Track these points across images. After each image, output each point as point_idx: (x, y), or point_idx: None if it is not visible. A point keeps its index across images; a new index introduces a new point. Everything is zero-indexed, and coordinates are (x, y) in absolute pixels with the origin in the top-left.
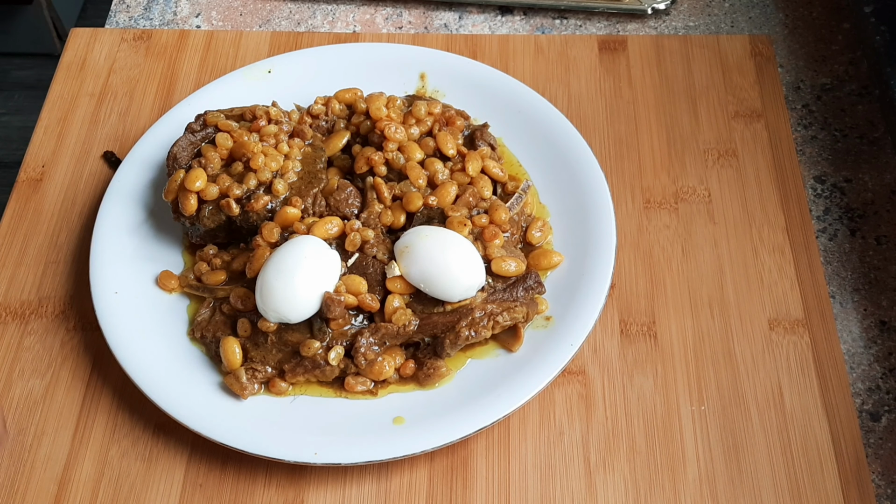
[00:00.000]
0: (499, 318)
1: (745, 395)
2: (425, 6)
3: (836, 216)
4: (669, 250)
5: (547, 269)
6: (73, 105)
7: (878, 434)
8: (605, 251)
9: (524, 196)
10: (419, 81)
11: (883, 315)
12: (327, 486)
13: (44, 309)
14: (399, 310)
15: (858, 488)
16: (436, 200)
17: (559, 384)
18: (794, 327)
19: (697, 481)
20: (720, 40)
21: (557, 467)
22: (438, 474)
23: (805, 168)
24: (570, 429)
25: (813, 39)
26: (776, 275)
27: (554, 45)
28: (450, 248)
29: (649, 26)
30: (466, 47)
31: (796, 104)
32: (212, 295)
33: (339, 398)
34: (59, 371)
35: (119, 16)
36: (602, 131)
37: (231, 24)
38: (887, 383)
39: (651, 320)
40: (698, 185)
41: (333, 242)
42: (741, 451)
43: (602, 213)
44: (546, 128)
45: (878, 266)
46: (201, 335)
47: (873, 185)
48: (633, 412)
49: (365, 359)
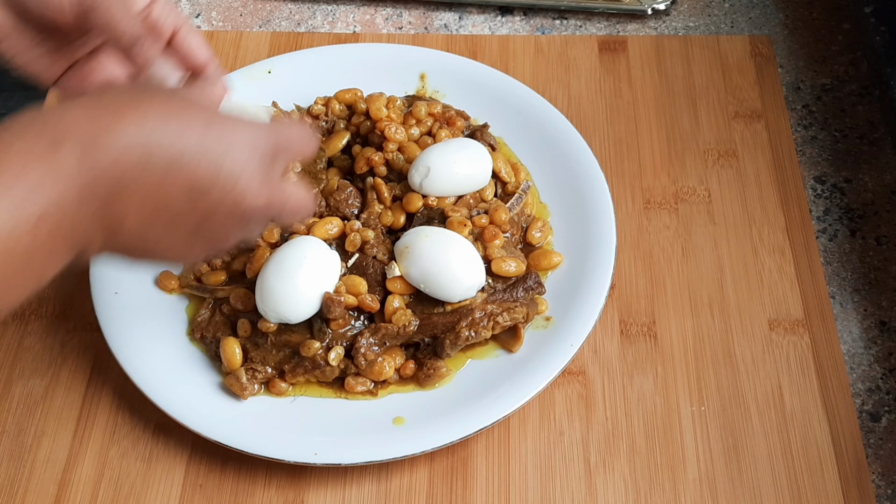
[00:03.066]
0: (499, 319)
1: (745, 395)
2: (425, 6)
3: (836, 216)
4: (669, 251)
5: (547, 269)
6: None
7: (878, 434)
8: (605, 251)
9: (524, 196)
10: (419, 82)
11: (883, 315)
12: (327, 486)
13: (44, 309)
14: (399, 310)
15: (858, 489)
16: (436, 201)
17: (559, 384)
18: (794, 328)
19: (697, 481)
20: (720, 41)
21: (557, 467)
22: (438, 474)
23: (805, 168)
24: (570, 429)
25: (813, 40)
26: (776, 275)
27: (554, 46)
28: (450, 249)
29: (649, 27)
30: (466, 48)
31: (796, 104)
32: (212, 295)
33: (339, 398)
34: (59, 371)
35: None
36: (602, 131)
37: (231, 24)
38: (887, 384)
39: (651, 321)
40: (698, 186)
41: (333, 243)
42: (741, 451)
43: (602, 213)
44: (546, 128)
45: (879, 266)
46: (201, 335)
47: (873, 185)
48: (633, 412)
49: (365, 359)
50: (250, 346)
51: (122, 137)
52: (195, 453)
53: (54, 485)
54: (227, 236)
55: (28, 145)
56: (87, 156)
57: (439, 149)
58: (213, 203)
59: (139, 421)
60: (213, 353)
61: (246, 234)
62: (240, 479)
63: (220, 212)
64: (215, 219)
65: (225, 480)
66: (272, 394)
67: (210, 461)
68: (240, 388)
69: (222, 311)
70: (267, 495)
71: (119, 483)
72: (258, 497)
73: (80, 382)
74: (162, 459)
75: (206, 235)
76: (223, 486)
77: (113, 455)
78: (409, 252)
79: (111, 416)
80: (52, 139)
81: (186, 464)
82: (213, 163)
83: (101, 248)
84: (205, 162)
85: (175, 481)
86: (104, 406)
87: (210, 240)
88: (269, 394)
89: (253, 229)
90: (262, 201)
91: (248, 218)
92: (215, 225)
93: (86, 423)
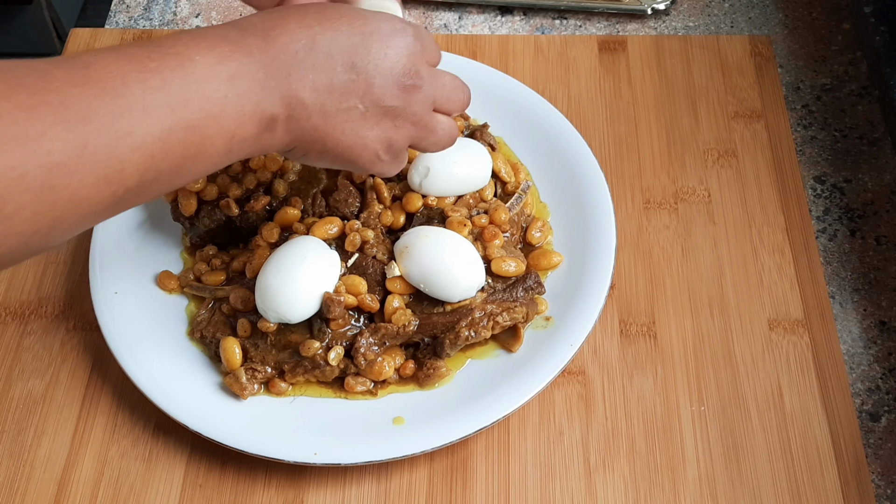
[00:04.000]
0: (499, 319)
1: (745, 395)
2: (425, 6)
3: (836, 216)
4: (669, 251)
5: (547, 269)
6: None
7: (877, 434)
8: (605, 251)
9: (524, 196)
10: None
11: (882, 315)
12: (327, 486)
13: (43, 309)
14: (399, 310)
15: (858, 488)
16: (435, 200)
17: (559, 384)
18: (794, 328)
19: (697, 481)
20: (720, 41)
21: (557, 467)
22: (438, 474)
23: (805, 168)
24: (570, 429)
25: (813, 40)
26: (776, 275)
27: (554, 46)
28: (450, 249)
29: (649, 27)
30: (466, 47)
31: (796, 104)
32: (211, 295)
33: (339, 398)
34: (59, 371)
35: (119, 16)
36: (602, 131)
37: None
38: (887, 383)
39: (651, 320)
40: (698, 186)
41: (333, 243)
42: (741, 451)
43: (602, 213)
44: (546, 128)
45: (878, 266)
46: (201, 335)
47: (873, 185)
48: (632, 412)
49: (365, 359)
50: (250, 345)
51: (288, 29)
52: (195, 453)
53: (54, 484)
54: (396, 120)
55: (222, 34)
56: (265, 41)
57: None
58: (371, 73)
59: (139, 421)
60: (212, 353)
61: (415, 118)
62: (239, 478)
63: (377, 84)
64: (376, 92)
65: (225, 480)
66: (272, 394)
67: (210, 461)
68: (239, 388)
69: (222, 310)
70: (267, 495)
71: (119, 483)
72: (258, 497)
73: (80, 382)
74: (162, 459)
75: (376, 118)
76: (223, 486)
77: (113, 455)
78: (408, 252)
79: (111, 416)
80: (240, 30)
81: (186, 463)
82: (364, 39)
83: (286, 131)
84: (358, 38)
85: (175, 481)
86: (104, 406)
87: (382, 125)
88: (268, 394)
89: (417, 111)
90: (416, 72)
91: (407, 92)
92: (380, 100)
93: (85, 422)
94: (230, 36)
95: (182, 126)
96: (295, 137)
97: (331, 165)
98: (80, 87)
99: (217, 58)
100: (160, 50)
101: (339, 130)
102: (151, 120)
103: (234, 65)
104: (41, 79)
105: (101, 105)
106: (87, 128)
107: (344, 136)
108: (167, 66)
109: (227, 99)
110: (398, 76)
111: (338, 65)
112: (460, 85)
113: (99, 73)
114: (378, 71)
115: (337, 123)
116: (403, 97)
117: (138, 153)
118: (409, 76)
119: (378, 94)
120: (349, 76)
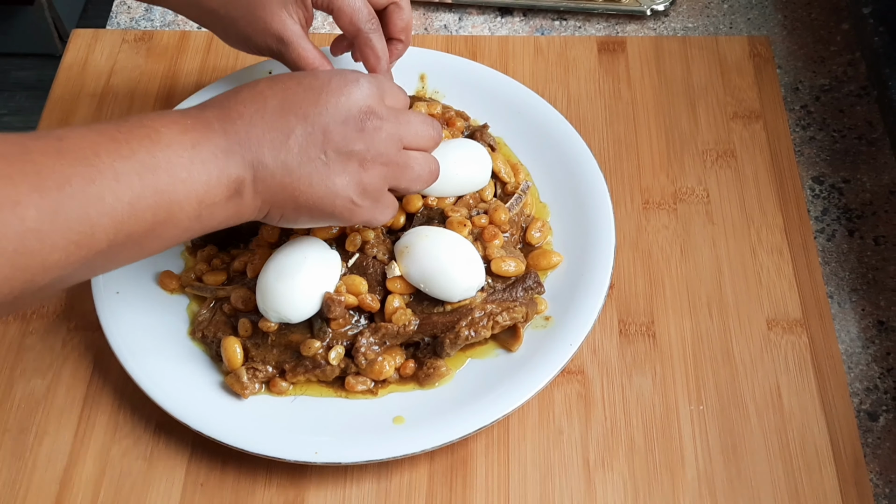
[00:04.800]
0: (498, 318)
1: (744, 394)
2: (425, 7)
3: (835, 216)
4: (668, 251)
5: (546, 269)
6: (75, 106)
7: (876, 434)
8: (605, 251)
9: (524, 196)
10: (419, 82)
11: (881, 315)
12: (327, 485)
13: (45, 309)
14: (399, 310)
15: (856, 488)
16: (435, 201)
17: (558, 384)
18: (793, 327)
19: (696, 481)
20: (719, 41)
21: (557, 467)
22: (438, 474)
23: (803, 168)
24: (570, 428)
25: (811, 40)
26: (774, 275)
27: (553, 47)
28: (450, 249)
29: (648, 27)
30: (466, 48)
31: (795, 105)
32: (212, 295)
33: (340, 398)
34: (61, 371)
35: (120, 17)
36: (601, 132)
37: None
38: (885, 383)
39: (650, 320)
40: (697, 186)
41: (334, 243)
42: (740, 450)
43: (601, 213)
44: (545, 129)
45: (877, 266)
46: (202, 335)
47: (871, 185)
48: (631, 412)
49: (365, 358)
50: (251, 345)
51: (241, 98)
52: (196, 452)
53: (56, 483)
54: (363, 163)
55: (184, 112)
56: (222, 111)
57: (439, 149)
58: (325, 122)
59: (140, 420)
60: (213, 353)
61: (383, 158)
62: (240, 477)
63: (334, 131)
64: (334, 139)
65: (226, 479)
66: (273, 393)
67: (211, 460)
68: (240, 388)
69: (223, 310)
70: (267, 494)
71: (120, 482)
72: (259, 495)
73: (82, 381)
74: (163, 458)
75: (341, 164)
76: (224, 485)
77: (114, 454)
78: (408, 252)
79: (112, 415)
80: (200, 108)
81: (187, 463)
82: (314, 92)
83: (255, 193)
84: (308, 93)
85: (176, 480)
86: (105, 405)
87: (348, 171)
88: (269, 393)
89: (383, 150)
90: (373, 112)
91: (368, 133)
92: (340, 146)
93: (87, 422)
94: (191, 112)
95: (151, 191)
96: (266, 200)
97: (311, 223)
98: (55, 158)
99: (181, 129)
100: (128, 125)
101: (306, 184)
102: (121, 186)
103: (196, 135)
104: (18, 150)
105: (73, 173)
106: (60, 195)
107: (312, 188)
108: (135, 137)
109: (193, 164)
110: (355, 119)
111: (291, 120)
112: (428, 120)
113: (71, 145)
114: (332, 118)
115: (303, 177)
116: (365, 139)
117: (108, 217)
118: (367, 117)
119: (337, 140)
120: (304, 129)
